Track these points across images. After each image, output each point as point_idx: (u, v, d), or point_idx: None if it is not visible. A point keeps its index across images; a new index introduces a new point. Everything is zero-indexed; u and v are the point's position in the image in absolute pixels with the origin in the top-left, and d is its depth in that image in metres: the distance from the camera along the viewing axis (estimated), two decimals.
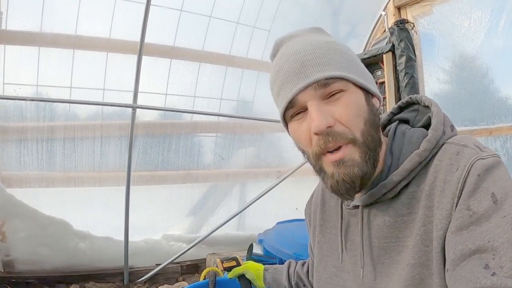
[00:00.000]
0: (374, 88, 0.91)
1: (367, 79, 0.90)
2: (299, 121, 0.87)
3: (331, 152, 0.83)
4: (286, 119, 0.91)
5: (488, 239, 0.69)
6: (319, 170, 0.88)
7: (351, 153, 0.82)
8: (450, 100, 3.19)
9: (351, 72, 0.86)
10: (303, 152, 0.93)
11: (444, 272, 0.75)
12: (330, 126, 0.81)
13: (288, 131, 0.95)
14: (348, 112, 0.82)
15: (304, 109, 0.85)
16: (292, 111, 0.87)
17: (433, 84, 3.31)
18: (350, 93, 0.85)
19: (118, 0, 2.86)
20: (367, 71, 0.95)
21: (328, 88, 0.83)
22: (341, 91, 0.83)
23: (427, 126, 0.91)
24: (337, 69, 0.84)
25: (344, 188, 0.83)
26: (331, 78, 0.82)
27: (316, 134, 0.82)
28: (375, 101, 0.92)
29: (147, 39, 2.80)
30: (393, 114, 1.04)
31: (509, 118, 2.81)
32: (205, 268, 2.47)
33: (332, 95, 0.83)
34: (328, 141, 0.81)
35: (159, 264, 3.25)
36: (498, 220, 0.70)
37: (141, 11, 2.72)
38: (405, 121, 0.99)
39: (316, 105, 0.82)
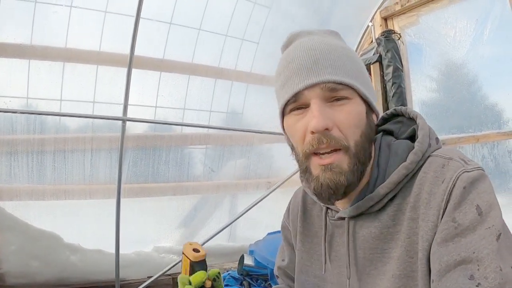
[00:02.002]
0: (375, 103, 0.93)
1: (371, 94, 0.92)
2: (297, 116, 0.88)
3: (321, 155, 0.84)
4: (284, 111, 0.92)
5: (473, 250, 0.70)
6: (305, 170, 0.89)
7: (340, 161, 0.83)
8: (438, 109, 3.22)
9: (360, 83, 0.87)
10: (292, 148, 0.94)
11: (429, 283, 0.76)
12: (327, 129, 0.82)
13: (283, 124, 0.95)
14: (348, 120, 0.84)
15: (306, 106, 0.86)
16: (294, 105, 0.88)
17: (420, 93, 3.35)
18: (354, 103, 0.86)
19: (108, 13, 2.88)
20: (372, 86, 0.96)
21: (335, 92, 0.84)
22: (346, 98, 0.85)
23: (411, 138, 0.92)
24: (348, 76, 0.85)
25: (327, 193, 0.84)
26: (341, 83, 0.84)
27: (312, 132, 0.83)
28: (373, 117, 0.94)
29: (136, 52, 2.81)
30: (377, 126, 1.04)
31: (495, 125, 2.84)
32: None
33: (337, 99, 0.84)
34: (321, 141, 0.82)
35: (151, 276, 3.21)
36: (482, 232, 0.71)
37: (131, 24, 2.74)
38: (389, 133, 1.00)
39: (319, 104, 0.83)
